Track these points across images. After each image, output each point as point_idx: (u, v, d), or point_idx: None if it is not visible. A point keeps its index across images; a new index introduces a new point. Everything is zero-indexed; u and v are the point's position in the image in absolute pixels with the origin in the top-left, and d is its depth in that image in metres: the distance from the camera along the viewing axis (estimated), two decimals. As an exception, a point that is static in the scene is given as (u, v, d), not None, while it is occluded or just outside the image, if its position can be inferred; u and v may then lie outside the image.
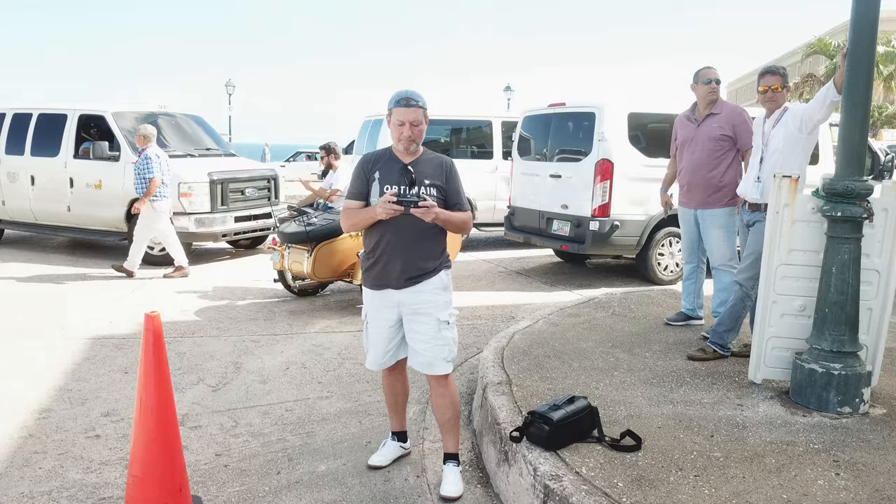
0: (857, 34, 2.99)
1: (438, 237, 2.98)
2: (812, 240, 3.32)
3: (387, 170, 2.91)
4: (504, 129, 9.69)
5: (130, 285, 7.15)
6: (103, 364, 4.65)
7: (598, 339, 4.38)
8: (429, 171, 2.91)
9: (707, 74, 4.53)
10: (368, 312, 3.05)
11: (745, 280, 3.86)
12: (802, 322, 3.41)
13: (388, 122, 2.97)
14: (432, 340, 2.91)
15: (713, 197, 4.47)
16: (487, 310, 6.22)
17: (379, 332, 3.02)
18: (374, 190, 2.90)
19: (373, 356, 3.08)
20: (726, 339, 3.95)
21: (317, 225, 5.88)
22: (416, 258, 2.90)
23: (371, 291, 3.01)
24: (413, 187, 2.86)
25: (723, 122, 4.45)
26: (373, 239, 2.95)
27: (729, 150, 4.45)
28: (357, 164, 3.04)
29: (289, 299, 6.58)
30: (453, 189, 2.95)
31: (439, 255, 2.99)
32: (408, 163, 2.90)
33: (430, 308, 2.91)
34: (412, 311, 2.93)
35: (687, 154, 4.61)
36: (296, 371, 4.56)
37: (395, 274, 2.90)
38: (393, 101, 2.91)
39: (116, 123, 8.36)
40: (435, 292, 2.93)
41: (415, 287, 2.90)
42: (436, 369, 2.94)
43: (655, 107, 7.44)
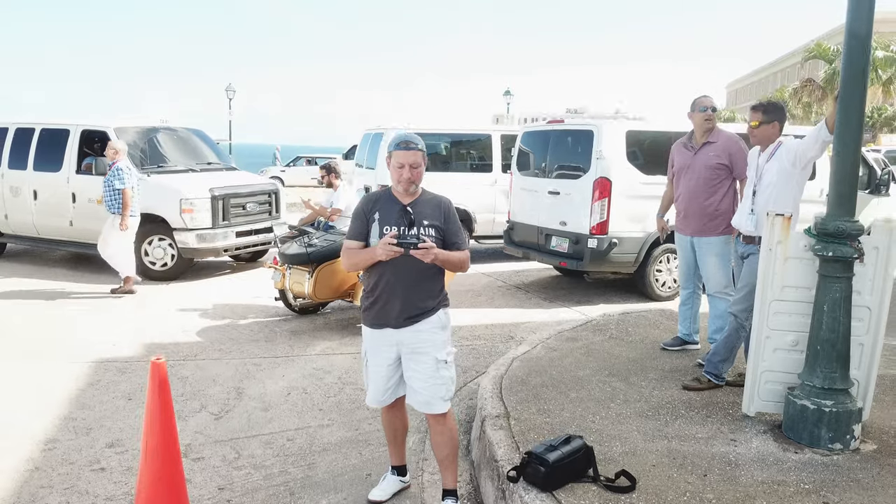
0: (848, 80, 3.04)
1: (437, 277, 3.05)
2: (804, 277, 3.38)
3: (386, 211, 2.98)
4: (503, 142, 9.74)
5: (133, 302, 7.21)
6: (107, 390, 4.71)
7: (595, 367, 4.44)
8: (427, 211, 2.98)
9: (702, 103, 4.60)
10: (368, 350, 3.12)
11: (739, 311, 3.92)
12: (795, 357, 3.47)
13: (387, 164, 3.03)
14: (430, 380, 2.97)
15: (709, 225, 4.53)
16: (486, 329, 6.28)
17: (378, 370, 3.08)
18: (374, 230, 2.97)
19: (372, 393, 3.14)
20: (721, 368, 4.01)
21: (317, 246, 5.94)
22: (415, 298, 2.97)
23: (370, 330, 3.08)
24: (412, 228, 2.92)
25: (719, 150, 4.51)
26: (372, 279, 3.02)
27: (725, 178, 4.52)
28: (357, 204, 3.11)
29: (290, 318, 6.64)
30: (452, 229, 3.01)
31: (438, 294, 3.05)
32: (407, 203, 2.97)
33: (429, 347, 2.97)
34: (411, 350, 2.99)
35: (683, 181, 4.67)
36: (297, 397, 4.62)
37: (395, 313, 2.97)
38: (393, 145, 2.98)
39: (119, 139, 8.40)
40: (433, 332, 2.99)
41: (413, 326, 2.97)
42: (434, 408, 3.00)
43: (653, 124, 7.50)
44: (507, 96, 30.07)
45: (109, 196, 7.26)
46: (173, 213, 8.02)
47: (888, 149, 24.28)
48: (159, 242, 8.23)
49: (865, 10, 2.90)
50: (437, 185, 9.93)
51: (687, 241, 4.71)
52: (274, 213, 9.13)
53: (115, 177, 7.24)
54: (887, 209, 8.75)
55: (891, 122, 39.15)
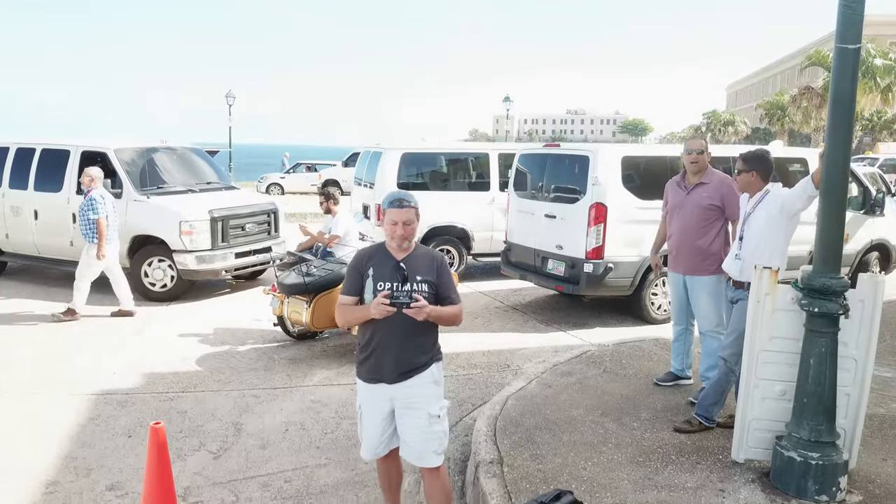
0: (832, 141, 3.10)
1: (430, 331, 3.11)
2: (792, 328, 3.44)
3: (380, 266, 3.04)
4: (501, 160, 9.82)
5: (133, 327, 7.27)
6: (107, 425, 4.77)
7: (588, 405, 4.50)
8: (420, 266, 3.04)
9: (690, 145, 4.69)
10: (362, 403, 3.18)
11: (729, 356, 3.98)
12: (783, 405, 3.53)
13: (378, 220, 3.11)
14: (423, 434, 3.03)
15: (701, 264, 4.59)
16: (483, 356, 6.34)
17: (372, 422, 3.14)
18: (368, 286, 3.03)
19: (367, 446, 3.20)
20: (712, 411, 4.08)
21: (315, 276, 6.00)
22: (409, 353, 3.03)
23: (364, 384, 3.14)
24: (405, 284, 2.98)
25: (711, 191, 4.57)
26: (366, 334, 3.08)
27: (717, 219, 4.58)
28: (351, 261, 3.17)
29: (288, 344, 6.70)
30: (444, 283, 3.07)
31: (431, 349, 3.12)
32: (400, 259, 3.03)
33: (421, 402, 3.04)
34: (404, 405, 3.06)
35: (676, 220, 4.73)
36: (294, 433, 4.68)
37: (388, 369, 3.03)
38: (386, 203, 3.05)
39: (118, 160, 8.49)
40: (426, 387, 3.06)
41: (406, 382, 3.03)
42: (427, 462, 3.06)
43: (649, 150, 7.56)
44: (507, 102, 30.17)
45: (84, 226, 7.30)
46: (173, 235, 8.08)
47: (886, 157, 24.41)
48: (159, 264, 8.30)
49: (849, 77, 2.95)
50: (436, 204, 10.03)
51: (679, 279, 4.77)
52: (273, 232, 9.20)
53: (89, 207, 7.25)
54: (882, 229, 8.84)
55: (890, 125, 39.26)
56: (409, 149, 9.88)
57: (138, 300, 8.29)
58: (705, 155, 4.67)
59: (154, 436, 2.76)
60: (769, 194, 3.93)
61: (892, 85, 26.03)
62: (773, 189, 3.96)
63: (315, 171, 27.08)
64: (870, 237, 8.72)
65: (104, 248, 7.29)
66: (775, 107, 45.30)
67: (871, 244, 8.74)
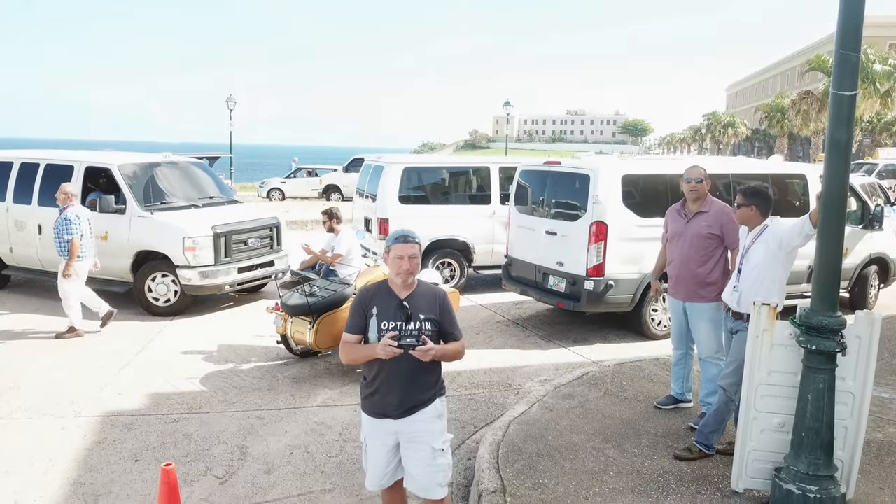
0: (829, 185, 3.15)
1: (434, 369, 3.18)
2: (790, 363, 3.50)
3: (383, 305, 3.10)
4: (502, 174, 9.88)
5: (138, 344, 7.32)
6: (114, 449, 4.82)
7: (589, 430, 4.56)
8: (423, 304, 3.10)
9: (688, 174, 4.75)
10: (367, 437, 3.24)
11: (728, 385, 4.04)
12: (781, 437, 3.59)
13: (385, 258, 3.16)
14: (428, 467, 3.10)
15: (700, 292, 4.65)
16: (485, 375, 6.40)
17: (377, 455, 3.20)
18: (372, 325, 3.09)
19: (372, 477, 3.26)
20: (711, 439, 4.13)
21: (319, 297, 6.06)
22: (414, 391, 3.10)
23: (369, 418, 3.20)
24: (409, 322, 3.05)
25: (711, 220, 4.63)
26: (372, 371, 3.14)
27: (717, 247, 4.64)
28: (355, 299, 3.22)
29: (291, 362, 6.76)
30: (447, 321, 3.14)
31: (434, 385, 3.18)
32: (403, 297, 3.09)
33: (426, 437, 3.11)
34: (408, 439, 3.13)
35: (676, 248, 4.79)
36: (299, 457, 4.73)
37: (393, 405, 3.10)
38: (392, 239, 3.12)
39: (122, 176, 8.54)
40: (430, 421, 3.13)
41: (411, 417, 3.10)
42: (432, 494, 3.14)
43: (649, 167, 7.62)
44: (507, 106, 30.25)
45: (58, 244, 7.32)
46: (176, 251, 8.14)
47: (886, 162, 24.44)
48: (162, 279, 8.35)
49: (844, 123, 3.01)
50: (437, 217, 10.11)
51: (679, 306, 4.83)
52: (275, 246, 9.26)
53: (63, 228, 7.27)
54: (881, 243, 8.89)
55: (890, 126, 39.31)
56: (410, 163, 9.95)
57: (141, 315, 8.37)
58: (704, 183, 4.72)
59: (165, 476, 2.82)
60: (767, 229, 3.99)
61: (891, 90, 26.11)
62: (771, 224, 4.02)
63: (316, 176, 27.14)
64: (868, 251, 8.77)
65: (72, 266, 7.29)
66: (775, 109, 45.37)
67: (869, 258, 8.79)
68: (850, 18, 2.93)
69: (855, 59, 2.94)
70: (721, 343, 4.64)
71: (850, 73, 2.96)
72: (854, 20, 2.93)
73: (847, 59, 2.94)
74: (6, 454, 4.71)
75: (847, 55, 2.93)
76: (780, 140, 47.44)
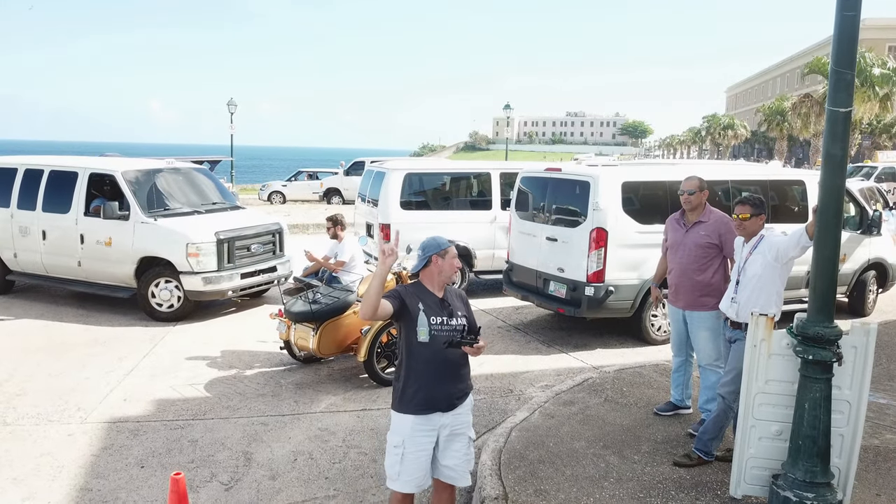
0: (825, 199, 3.22)
1: (468, 361, 3.39)
2: (787, 372, 3.56)
3: (429, 302, 3.25)
4: (503, 180, 9.95)
5: (141, 350, 7.38)
6: (120, 455, 4.88)
7: (590, 437, 4.62)
8: (457, 304, 3.35)
9: (684, 185, 4.83)
10: (406, 439, 3.19)
11: (727, 393, 4.10)
12: (779, 445, 3.65)
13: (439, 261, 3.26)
14: (464, 457, 3.29)
15: (700, 300, 4.71)
16: (486, 381, 6.46)
17: (420, 455, 3.20)
18: (422, 319, 3.20)
19: (410, 479, 3.20)
20: (710, 446, 4.19)
21: (322, 304, 6.12)
22: (459, 381, 3.29)
23: (414, 417, 3.20)
24: (451, 318, 3.24)
25: (710, 230, 4.69)
26: (413, 367, 3.21)
27: (715, 256, 4.70)
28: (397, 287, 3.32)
29: (294, 367, 6.82)
30: (472, 318, 3.38)
31: (469, 376, 3.39)
32: (441, 296, 3.30)
33: (464, 428, 3.30)
34: (451, 432, 3.26)
35: (676, 257, 4.86)
36: (303, 463, 4.79)
37: (444, 397, 3.22)
38: (445, 244, 3.33)
39: (126, 182, 8.61)
40: (468, 413, 3.35)
41: (456, 409, 3.26)
42: (464, 481, 3.31)
43: (649, 174, 7.68)
44: (507, 110, 30.33)
45: None
46: (180, 257, 8.20)
47: (885, 165, 24.50)
48: (166, 284, 8.42)
49: (839, 139, 3.07)
50: (439, 222, 10.16)
51: (679, 314, 4.89)
52: (278, 252, 9.32)
53: None
54: (879, 248, 8.95)
55: (889, 128, 39.38)
56: (412, 169, 10.03)
57: (145, 320, 8.44)
58: (701, 193, 4.78)
59: (174, 486, 2.88)
60: (764, 240, 4.04)
61: (890, 94, 26.20)
62: (767, 234, 4.07)
63: (317, 179, 27.21)
64: (867, 256, 8.83)
65: None
66: (775, 112, 45.46)
67: (868, 263, 8.85)
68: (844, 38, 3.00)
69: (850, 78, 3.01)
70: (720, 351, 4.70)
71: (845, 90, 3.03)
72: (849, 40, 3.00)
73: (842, 77, 3.01)
74: (13, 461, 4.77)
75: (842, 73, 2.99)
76: (780, 143, 47.52)
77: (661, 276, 5.25)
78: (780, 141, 47.64)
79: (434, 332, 3.17)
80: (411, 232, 9.19)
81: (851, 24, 3.02)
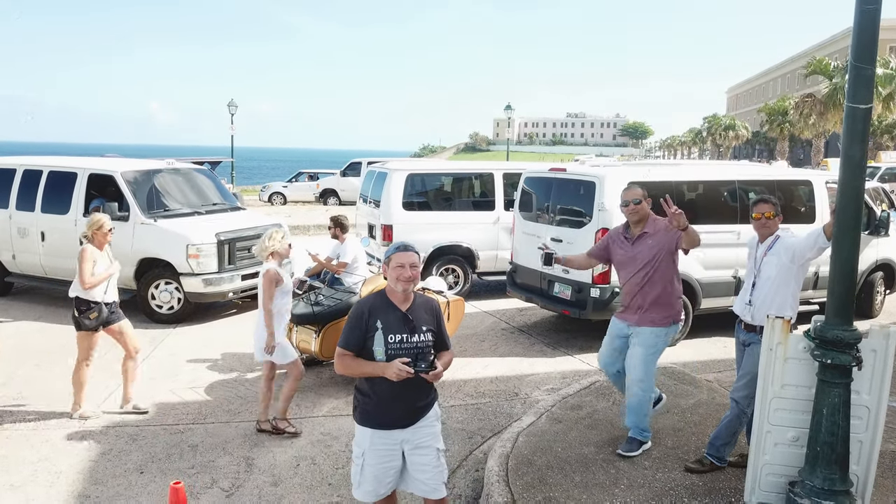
0: (843, 200, 3.12)
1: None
2: (804, 376, 3.46)
3: (388, 318, 3.09)
4: (506, 180, 9.86)
5: (141, 353, 7.20)
6: (119, 461, 4.78)
7: (599, 442, 4.52)
8: (424, 316, 3.15)
9: (625, 196, 4.44)
10: (366, 452, 3.14)
11: (741, 398, 4.00)
12: (795, 451, 3.55)
13: (385, 271, 3.14)
14: (434, 469, 3.15)
15: (648, 316, 4.40)
16: (491, 384, 6.36)
17: (379, 468, 3.14)
18: (378, 339, 3.06)
19: (369, 490, 3.17)
20: (723, 452, 4.10)
21: (324, 305, 6.03)
22: (419, 397, 3.14)
23: (372, 431, 3.13)
24: (414, 335, 3.08)
25: (658, 239, 4.37)
26: (374, 382, 3.10)
27: (668, 266, 4.39)
28: (353, 311, 3.17)
29: (296, 370, 6.71)
30: (442, 330, 3.23)
31: (432, 388, 3.24)
32: (405, 309, 3.11)
33: (430, 440, 3.16)
34: (414, 445, 3.14)
35: (626, 274, 4.53)
36: (306, 469, 4.69)
37: (401, 413, 3.11)
38: (392, 250, 3.15)
39: (125, 183, 8.52)
40: (433, 424, 3.19)
41: (417, 423, 3.13)
42: (437, 494, 3.18)
43: (656, 174, 7.59)
44: (508, 111, 30.26)
45: None
46: (180, 259, 8.11)
47: (888, 166, 24.39)
48: (166, 286, 8.33)
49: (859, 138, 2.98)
50: (441, 223, 10.06)
51: (623, 328, 4.54)
52: (279, 253, 9.21)
53: None
54: (887, 249, 8.85)
55: (891, 129, 39.28)
56: (414, 169, 9.94)
57: (145, 322, 8.34)
58: (645, 202, 4.41)
59: (174, 496, 2.78)
60: (779, 241, 3.95)
61: (893, 94, 26.09)
62: (782, 235, 3.98)
63: (316, 180, 27.11)
64: (874, 257, 8.73)
65: None
66: (777, 112, 45.38)
67: (875, 264, 8.76)
68: (864, 32, 2.91)
69: (870, 73, 2.92)
70: (651, 374, 4.41)
71: (865, 86, 2.93)
72: (869, 35, 2.90)
73: (862, 73, 2.92)
74: (10, 467, 4.68)
75: (862, 69, 2.90)
76: (781, 143, 47.43)
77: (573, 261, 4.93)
78: (781, 141, 47.54)
79: (391, 352, 3.01)
80: (414, 233, 9.16)
81: (872, 18, 2.92)
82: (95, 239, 5.48)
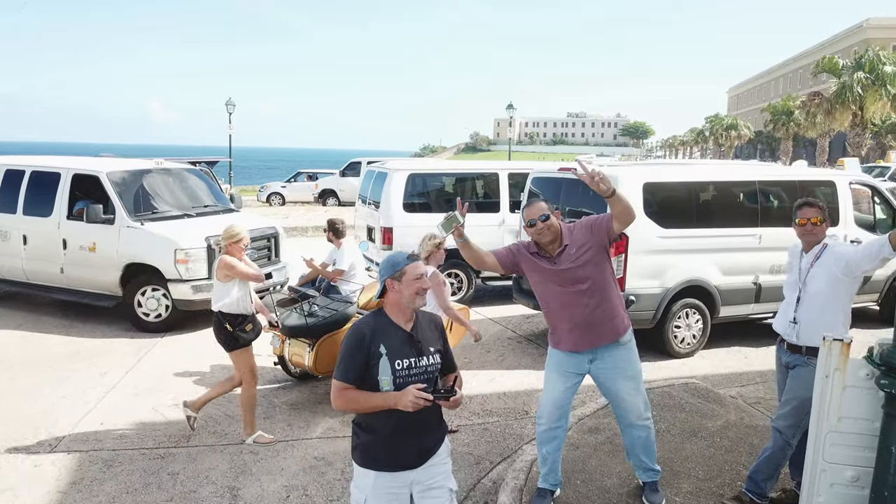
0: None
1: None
2: (866, 407, 3.01)
3: (392, 341, 2.68)
4: (511, 180, 9.41)
5: (125, 364, 6.83)
6: (90, 491, 4.33)
7: (622, 473, 4.07)
8: (429, 336, 2.79)
9: (528, 214, 3.59)
10: (369, 497, 2.68)
11: (785, 428, 3.55)
12: (855, 493, 3.10)
13: (395, 286, 2.70)
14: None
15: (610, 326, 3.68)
16: (499, 400, 5.92)
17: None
18: (384, 366, 2.63)
19: None
20: (765, 487, 3.64)
21: (318, 317, 5.57)
22: (432, 433, 2.77)
23: (377, 474, 2.69)
24: (422, 358, 2.70)
25: (582, 244, 3.60)
26: (380, 418, 2.66)
27: (605, 267, 3.64)
28: (349, 339, 2.71)
29: (289, 385, 6.28)
30: (448, 349, 2.87)
31: (442, 420, 2.84)
32: (409, 329, 2.72)
33: (442, 480, 2.77)
34: (426, 487, 2.72)
35: (559, 296, 3.67)
36: (297, 501, 4.24)
37: (414, 453, 2.70)
38: (403, 261, 2.75)
39: (111, 184, 8.07)
40: (444, 462, 2.80)
41: (429, 461, 2.73)
42: None
43: (672, 175, 7.15)
44: (510, 110, 29.81)
45: None
46: (168, 264, 7.66)
47: (900, 165, 23.91)
48: (153, 293, 7.88)
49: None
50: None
51: (581, 361, 3.79)
52: (273, 257, 8.78)
53: None
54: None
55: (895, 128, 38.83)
56: (415, 169, 9.49)
57: (130, 331, 7.90)
58: (553, 219, 3.57)
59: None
60: (827, 250, 3.48)
61: (902, 93, 25.60)
62: (831, 243, 3.51)
63: (315, 180, 26.66)
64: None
65: None
66: (781, 111, 44.89)
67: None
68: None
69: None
70: (647, 400, 3.82)
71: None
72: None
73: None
74: (-30, 498, 4.24)
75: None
76: (786, 143, 46.93)
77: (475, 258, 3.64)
78: (785, 141, 47.05)
79: (399, 381, 2.59)
80: (415, 236, 8.69)
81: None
82: (232, 250, 5.07)
